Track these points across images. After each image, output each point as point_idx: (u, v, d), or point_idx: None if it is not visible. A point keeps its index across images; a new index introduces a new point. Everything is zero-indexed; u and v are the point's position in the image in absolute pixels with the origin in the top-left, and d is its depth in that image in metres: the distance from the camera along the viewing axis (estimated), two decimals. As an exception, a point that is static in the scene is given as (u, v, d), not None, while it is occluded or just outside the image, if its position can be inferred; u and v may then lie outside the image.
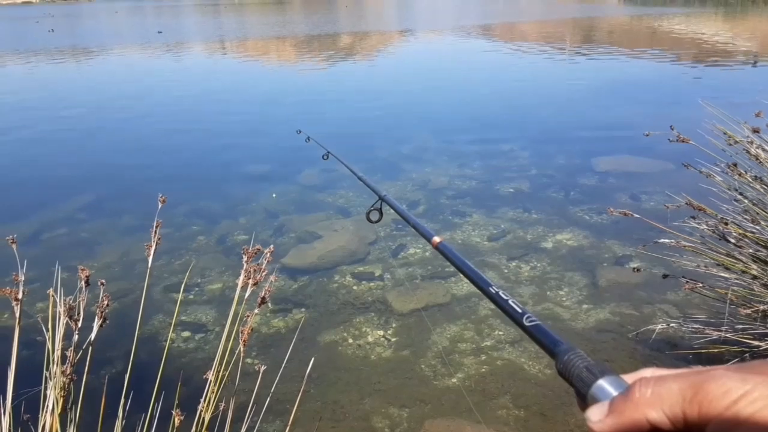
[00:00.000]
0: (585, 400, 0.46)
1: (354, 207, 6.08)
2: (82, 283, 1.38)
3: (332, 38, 26.90)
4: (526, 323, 0.62)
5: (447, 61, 18.61)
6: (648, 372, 0.44)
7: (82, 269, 1.37)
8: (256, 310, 1.46)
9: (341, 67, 17.58)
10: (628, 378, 0.45)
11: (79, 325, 1.35)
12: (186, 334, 3.92)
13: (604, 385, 0.46)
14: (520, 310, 0.64)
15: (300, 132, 2.94)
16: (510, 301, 0.67)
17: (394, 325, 3.91)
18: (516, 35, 27.22)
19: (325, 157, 2.38)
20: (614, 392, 0.44)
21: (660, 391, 0.40)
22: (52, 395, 1.36)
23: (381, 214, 1.45)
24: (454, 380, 3.31)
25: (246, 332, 1.43)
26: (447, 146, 8.36)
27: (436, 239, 1.00)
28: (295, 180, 7.04)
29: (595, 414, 0.44)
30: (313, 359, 1.97)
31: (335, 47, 23.39)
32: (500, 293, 0.69)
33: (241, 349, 1.42)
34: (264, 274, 1.45)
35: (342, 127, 9.73)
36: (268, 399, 1.68)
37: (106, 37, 30.06)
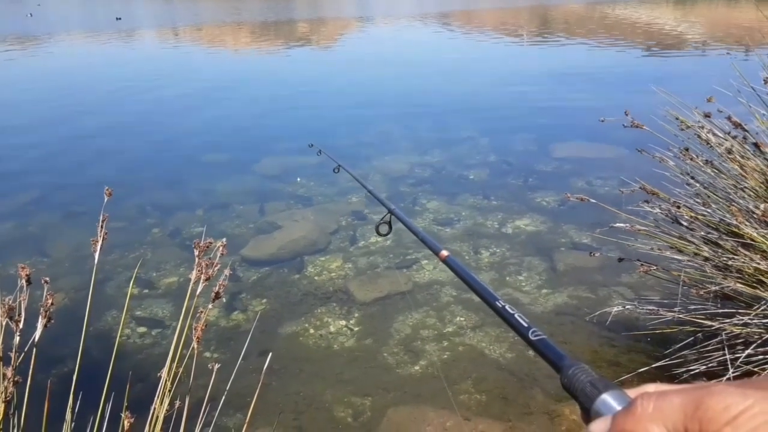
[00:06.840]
0: (589, 414, 0.47)
1: (314, 196, 6.02)
2: (23, 281, 1.31)
3: (290, 24, 26.50)
4: (532, 337, 0.63)
5: (405, 49, 18.58)
6: (651, 387, 0.45)
7: (22, 267, 1.30)
8: (210, 305, 1.41)
9: (299, 54, 17.34)
10: (632, 392, 0.46)
11: (20, 326, 1.28)
12: (142, 329, 3.81)
13: (608, 399, 0.46)
14: (525, 324, 0.65)
15: (312, 146, 2.89)
16: (516, 315, 0.68)
17: (356, 314, 3.89)
18: (474, 23, 27.37)
19: (336, 170, 2.33)
20: (617, 407, 0.45)
21: (662, 406, 0.40)
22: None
23: (390, 227, 1.45)
24: (416, 367, 3.31)
25: (200, 328, 1.38)
26: (408, 134, 8.35)
27: (444, 253, 1.01)
28: (252, 170, 6.92)
29: (598, 428, 0.44)
30: (271, 353, 1.93)
31: (293, 34, 23.06)
32: (506, 307, 0.70)
33: (195, 345, 1.38)
34: (217, 268, 1.40)
35: (301, 116, 9.60)
36: (228, 393, 1.64)
37: (57, 24, 28.91)
